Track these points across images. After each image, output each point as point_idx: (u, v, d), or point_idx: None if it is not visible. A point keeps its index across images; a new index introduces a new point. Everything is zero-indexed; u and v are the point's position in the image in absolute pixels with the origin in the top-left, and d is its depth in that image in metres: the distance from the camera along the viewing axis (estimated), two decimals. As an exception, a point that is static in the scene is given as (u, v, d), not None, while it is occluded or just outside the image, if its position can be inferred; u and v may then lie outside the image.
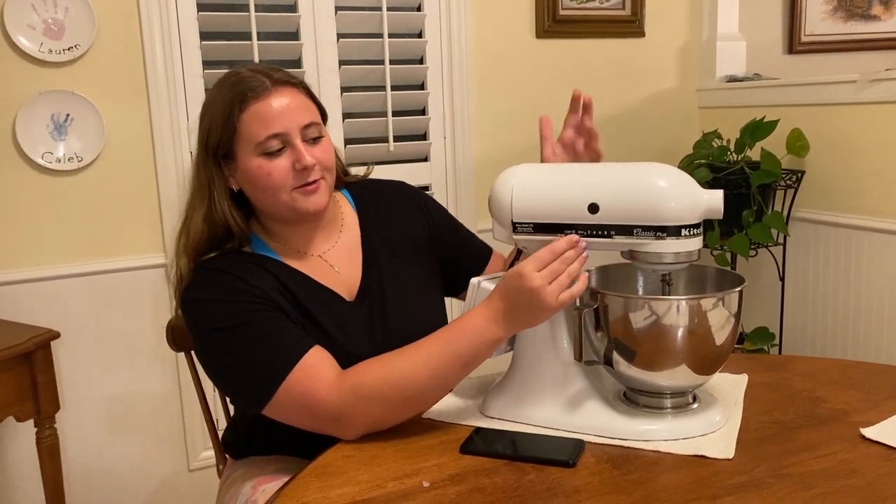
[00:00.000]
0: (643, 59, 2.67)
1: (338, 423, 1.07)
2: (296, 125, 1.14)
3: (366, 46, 2.29)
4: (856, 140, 2.17)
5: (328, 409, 1.06)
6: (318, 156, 1.17)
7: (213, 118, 1.16)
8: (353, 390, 1.05)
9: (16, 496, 2.05)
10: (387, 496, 0.92)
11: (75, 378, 2.07)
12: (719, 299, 1.02)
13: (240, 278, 1.13)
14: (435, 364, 1.06)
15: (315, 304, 1.18)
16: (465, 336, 1.06)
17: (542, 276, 1.02)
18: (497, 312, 1.05)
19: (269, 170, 1.14)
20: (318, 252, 1.25)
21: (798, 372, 1.27)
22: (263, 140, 1.13)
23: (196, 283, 1.16)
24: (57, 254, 2.04)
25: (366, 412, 1.06)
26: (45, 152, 1.98)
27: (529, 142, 2.53)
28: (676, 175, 1.03)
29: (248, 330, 1.09)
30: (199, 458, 2.24)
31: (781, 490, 0.89)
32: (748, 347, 2.38)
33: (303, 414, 1.08)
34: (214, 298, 1.12)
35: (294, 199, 1.16)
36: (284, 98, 1.14)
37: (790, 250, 2.40)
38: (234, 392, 1.17)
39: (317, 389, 1.06)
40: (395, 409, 1.07)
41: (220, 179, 1.18)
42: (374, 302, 1.24)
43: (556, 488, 0.92)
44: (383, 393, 1.05)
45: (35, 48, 1.93)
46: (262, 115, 1.13)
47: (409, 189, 1.41)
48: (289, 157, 1.14)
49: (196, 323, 1.14)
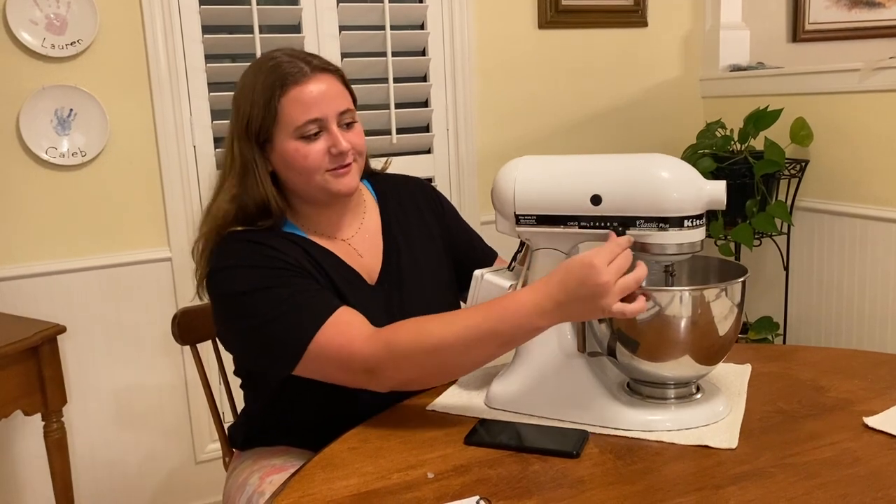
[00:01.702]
0: (646, 49, 2.66)
1: (370, 376, 1.08)
2: (333, 111, 1.18)
3: (368, 39, 2.29)
4: (860, 129, 2.16)
5: (362, 361, 1.07)
6: (353, 140, 1.20)
7: (253, 101, 1.17)
8: (388, 347, 1.06)
9: (25, 489, 2.07)
10: (391, 487, 0.93)
11: (82, 372, 2.09)
12: (722, 290, 1.02)
13: (270, 246, 1.16)
14: (472, 337, 1.04)
15: (342, 281, 1.21)
16: (509, 316, 1.02)
17: (611, 271, 0.96)
18: (550, 300, 1.00)
19: (305, 153, 1.17)
20: (343, 236, 1.28)
21: (802, 361, 1.27)
22: (302, 124, 1.16)
23: (225, 251, 1.17)
24: (62, 248, 2.04)
25: (398, 369, 1.06)
26: (49, 147, 1.98)
27: (532, 134, 2.54)
28: (679, 166, 1.03)
29: (278, 291, 1.11)
30: (205, 450, 2.25)
31: (785, 479, 0.90)
32: (752, 337, 2.38)
33: (336, 368, 1.09)
34: (243, 264, 1.14)
35: (327, 180, 1.19)
36: (322, 84, 1.18)
37: (794, 240, 2.40)
38: (261, 354, 1.15)
39: (351, 342, 1.07)
40: (427, 372, 1.08)
41: (262, 160, 1.19)
42: (394, 287, 1.27)
43: (560, 479, 0.93)
44: (416, 356, 1.05)
45: (38, 43, 1.94)
46: (301, 100, 1.16)
47: (426, 186, 1.44)
48: (325, 141, 1.18)
49: (223, 289, 1.15)
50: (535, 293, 1.02)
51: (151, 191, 2.11)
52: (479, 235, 1.47)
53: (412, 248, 1.32)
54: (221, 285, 1.16)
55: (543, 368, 1.11)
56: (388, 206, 1.36)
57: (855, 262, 2.21)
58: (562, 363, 1.11)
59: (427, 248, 1.34)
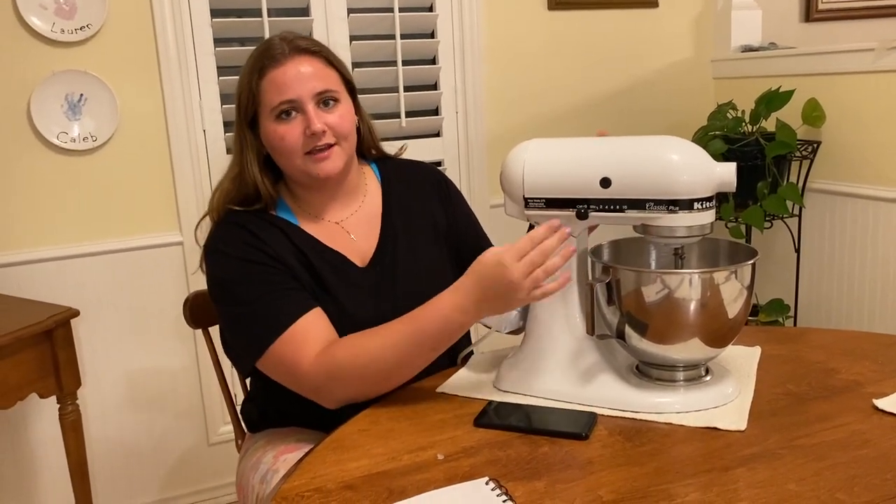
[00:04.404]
0: (657, 30, 2.63)
1: (317, 395, 1.14)
2: (308, 92, 1.19)
3: (376, 21, 2.27)
4: (873, 109, 2.14)
5: (307, 382, 1.13)
6: (332, 122, 1.21)
7: (241, 85, 1.23)
8: (327, 369, 1.11)
9: (41, 469, 2.10)
10: (402, 469, 0.93)
11: (95, 355, 2.11)
12: (732, 272, 1.02)
13: (255, 235, 1.20)
14: (403, 346, 1.09)
15: (324, 266, 1.23)
16: (433, 319, 1.08)
17: (520, 269, 1.02)
18: (468, 298, 1.06)
19: (282, 134, 1.19)
20: (335, 219, 1.29)
21: (811, 344, 1.27)
22: (276, 105, 1.19)
23: (216, 233, 1.24)
24: (74, 233, 2.06)
25: (341, 389, 1.12)
26: (60, 132, 1.99)
27: (542, 116, 2.53)
28: (689, 148, 1.02)
29: (252, 286, 1.17)
30: (217, 432, 2.27)
31: (793, 461, 0.90)
32: (763, 319, 2.37)
33: (286, 380, 1.16)
34: (223, 250, 1.20)
35: (306, 163, 1.21)
36: (300, 66, 1.19)
37: (805, 222, 2.38)
38: (231, 344, 1.24)
39: (298, 363, 1.12)
40: (368, 386, 1.12)
41: (253, 143, 1.24)
42: (386, 270, 1.27)
43: (570, 460, 0.93)
44: (355, 372, 1.10)
45: (47, 28, 1.94)
46: (276, 81, 1.19)
47: (438, 174, 1.44)
48: (301, 121, 1.20)
49: (211, 270, 1.23)
50: (454, 293, 1.08)
51: (162, 175, 2.12)
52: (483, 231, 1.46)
53: (411, 235, 1.32)
54: (209, 267, 1.24)
55: (553, 351, 1.12)
56: (392, 191, 1.35)
57: (867, 244, 2.19)
58: (571, 346, 1.11)
59: (427, 235, 1.34)
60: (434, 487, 0.88)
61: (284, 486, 0.91)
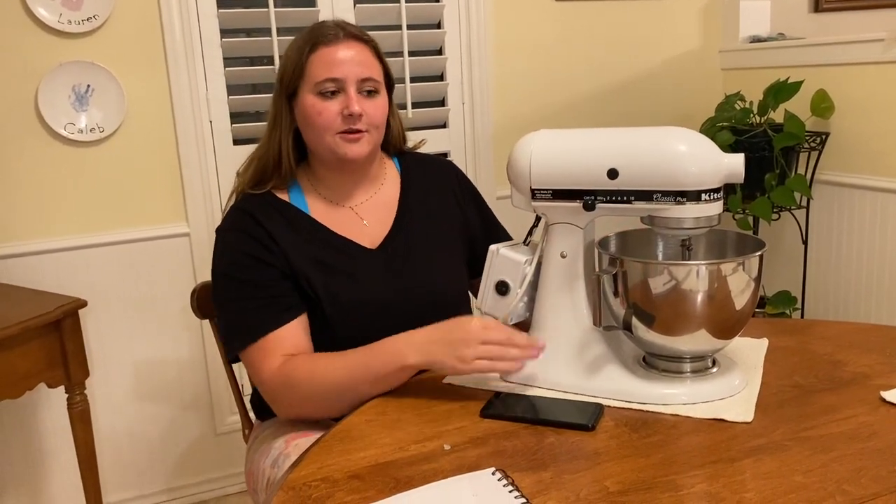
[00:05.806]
0: (665, 21, 2.62)
1: (272, 403, 1.21)
2: (354, 75, 1.23)
3: (383, 11, 2.27)
4: (882, 101, 2.13)
5: (266, 390, 1.19)
6: (368, 110, 1.24)
7: (288, 57, 1.27)
8: (284, 381, 1.16)
9: (50, 459, 2.11)
10: (408, 459, 0.94)
11: (103, 346, 2.12)
12: (739, 264, 1.01)
13: (260, 225, 1.23)
14: (350, 374, 1.12)
15: (330, 252, 1.26)
16: (381, 353, 1.11)
17: (481, 331, 1.06)
18: (420, 334, 1.10)
19: (320, 109, 1.23)
20: (351, 203, 1.32)
21: (819, 336, 1.27)
22: (321, 80, 1.22)
23: (228, 218, 1.28)
24: (82, 224, 2.06)
25: (291, 402, 1.18)
26: (67, 123, 1.99)
27: (549, 107, 2.52)
28: (696, 139, 1.02)
29: (243, 286, 1.21)
30: (225, 422, 2.28)
31: (800, 453, 0.90)
32: (770, 311, 2.36)
33: (253, 381, 1.23)
34: (229, 239, 1.25)
35: (336, 142, 1.24)
36: (350, 50, 1.24)
37: (814, 213, 2.37)
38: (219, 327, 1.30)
39: (262, 371, 1.18)
40: (314, 405, 1.16)
41: (288, 114, 1.28)
42: (398, 252, 1.30)
43: (576, 451, 0.93)
44: (305, 389, 1.15)
45: (54, 19, 1.94)
46: (326, 59, 1.23)
47: (457, 171, 1.47)
48: (340, 102, 1.23)
49: (216, 256, 1.27)
50: (409, 334, 1.11)
51: (169, 166, 2.12)
52: (502, 226, 1.49)
53: (426, 225, 1.34)
54: (217, 251, 1.27)
55: (559, 342, 1.12)
56: (411, 183, 1.38)
57: (875, 236, 2.18)
58: (578, 337, 1.11)
59: (442, 228, 1.36)
60: (441, 478, 0.88)
61: (292, 476, 0.92)
